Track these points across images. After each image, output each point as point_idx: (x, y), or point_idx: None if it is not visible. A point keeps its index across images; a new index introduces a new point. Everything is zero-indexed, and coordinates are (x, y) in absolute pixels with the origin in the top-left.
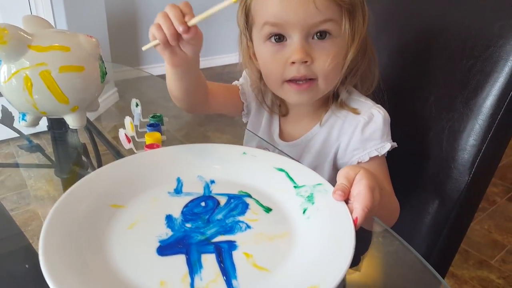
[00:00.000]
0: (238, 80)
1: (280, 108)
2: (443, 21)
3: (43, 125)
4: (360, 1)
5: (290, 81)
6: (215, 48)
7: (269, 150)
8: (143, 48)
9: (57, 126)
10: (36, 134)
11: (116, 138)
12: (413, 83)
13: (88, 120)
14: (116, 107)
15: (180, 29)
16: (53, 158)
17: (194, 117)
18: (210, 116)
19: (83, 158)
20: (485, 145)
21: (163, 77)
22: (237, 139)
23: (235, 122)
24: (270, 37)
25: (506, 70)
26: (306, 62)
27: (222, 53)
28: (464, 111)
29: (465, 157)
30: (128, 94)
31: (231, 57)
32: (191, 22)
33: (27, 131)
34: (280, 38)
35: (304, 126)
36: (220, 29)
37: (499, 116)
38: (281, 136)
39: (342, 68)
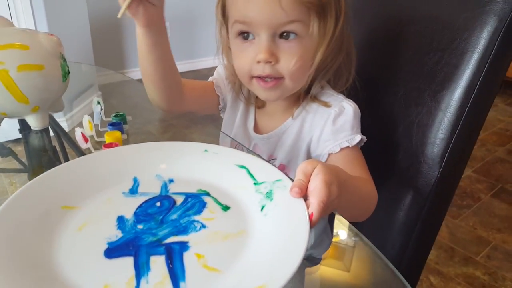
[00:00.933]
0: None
1: (257, 99)
2: (411, 14)
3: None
4: (335, 1)
5: (258, 77)
6: (200, 51)
7: (242, 149)
8: (119, 15)
9: (27, 127)
10: (18, 140)
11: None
12: (383, 77)
13: (54, 121)
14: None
15: None
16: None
17: (179, 120)
18: (194, 119)
19: (56, 161)
20: (453, 138)
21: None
22: (212, 138)
23: (220, 125)
24: (239, 34)
25: (472, 62)
26: (270, 62)
27: (207, 56)
28: (432, 105)
29: (434, 151)
30: (113, 98)
31: (217, 60)
32: None
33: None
34: (248, 35)
35: (278, 119)
36: (205, 31)
37: (466, 109)
38: (256, 129)
39: (310, 68)
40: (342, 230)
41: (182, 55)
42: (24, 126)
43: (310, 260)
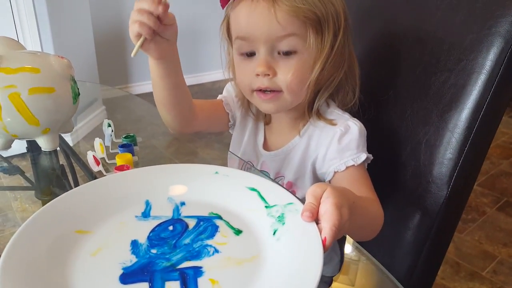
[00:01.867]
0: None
1: (266, 116)
2: (417, 33)
3: (23, 146)
4: (333, 15)
5: (258, 90)
6: (204, 65)
7: (251, 167)
8: (132, 54)
9: (35, 147)
10: (23, 155)
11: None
12: (389, 96)
13: (64, 141)
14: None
15: (160, 10)
16: (34, 180)
17: (183, 134)
18: (199, 133)
19: (63, 180)
20: (462, 158)
21: (151, 94)
22: (226, 155)
23: (224, 139)
24: (242, 54)
25: (479, 83)
26: (268, 75)
27: (211, 70)
28: (440, 125)
29: (442, 171)
30: (116, 112)
31: (221, 73)
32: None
33: (6, 153)
34: (249, 53)
35: (286, 136)
36: (209, 45)
37: (474, 129)
38: (265, 146)
39: (307, 82)
40: (350, 249)
41: (185, 69)
42: (32, 147)
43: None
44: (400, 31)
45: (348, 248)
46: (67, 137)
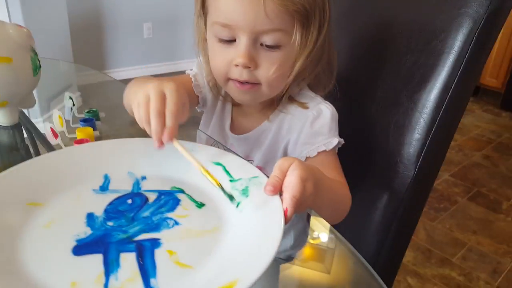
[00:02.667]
0: (190, 70)
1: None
2: (389, 16)
3: None
4: (319, 8)
5: (234, 80)
6: (182, 53)
7: (218, 147)
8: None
9: None
10: None
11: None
12: (361, 78)
13: (25, 116)
14: (79, 111)
15: (156, 145)
16: None
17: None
18: None
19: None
20: (429, 139)
21: (128, 81)
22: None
23: (196, 124)
24: (220, 37)
25: (448, 63)
26: (249, 67)
27: (191, 57)
28: (409, 105)
29: (410, 152)
30: (92, 98)
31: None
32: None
33: None
34: (228, 39)
35: (254, 120)
36: (188, 33)
37: (442, 109)
38: (232, 128)
39: (289, 76)
40: (319, 229)
41: (164, 56)
42: None
43: (290, 260)
44: (373, 12)
45: (324, 236)
46: (39, 124)
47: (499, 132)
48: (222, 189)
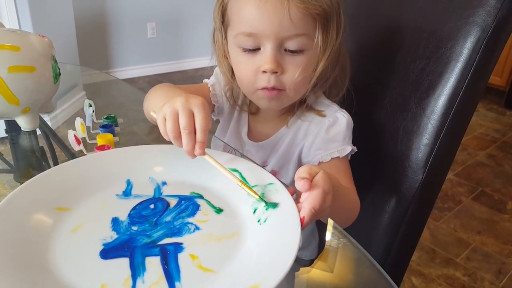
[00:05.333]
0: (208, 79)
1: (250, 106)
2: (398, 24)
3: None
4: (336, 12)
5: (262, 88)
6: (186, 52)
7: (235, 154)
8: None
9: (14, 128)
10: (2, 140)
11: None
12: (370, 84)
13: (44, 122)
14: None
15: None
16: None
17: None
18: None
19: (43, 162)
20: (437, 143)
21: (132, 80)
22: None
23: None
24: (244, 50)
25: (456, 70)
26: (276, 72)
27: (194, 56)
28: (417, 111)
29: (419, 156)
30: (97, 97)
31: (204, 61)
32: (198, 153)
33: None
34: (253, 48)
35: (272, 127)
36: (191, 32)
37: (450, 115)
38: (250, 135)
39: (311, 79)
40: (329, 231)
41: (168, 56)
42: (11, 128)
43: (298, 261)
44: (381, 19)
45: (328, 235)
46: (47, 122)
47: (504, 131)
48: (262, 199)
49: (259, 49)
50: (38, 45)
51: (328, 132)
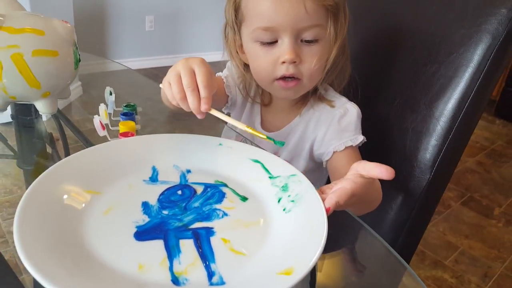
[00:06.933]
0: (221, 72)
1: (263, 97)
2: (412, 27)
3: (7, 115)
4: (342, 3)
5: (279, 78)
6: (184, 46)
7: (248, 142)
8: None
9: (23, 113)
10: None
11: (82, 132)
12: (382, 84)
13: (57, 109)
14: (79, 101)
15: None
16: (16, 149)
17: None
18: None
19: (48, 149)
20: (445, 145)
21: (130, 71)
22: (215, 131)
23: (204, 120)
24: (263, 40)
25: (466, 75)
26: (295, 62)
27: (192, 51)
28: (427, 113)
29: (427, 157)
30: (92, 88)
31: (211, 55)
32: (204, 108)
33: None
34: (271, 41)
35: (285, 117)
36: (190, 27)
37: (459, 119)
38: (263, 126)
39: (325, 68)
40: None
41: (165, 49)
42: (17, 114)
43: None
44: (395, 23)
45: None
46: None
47: (493, 139)
48: (269, 138)
49: (276, 41)
50: (62, 30)
51: (340, 123)
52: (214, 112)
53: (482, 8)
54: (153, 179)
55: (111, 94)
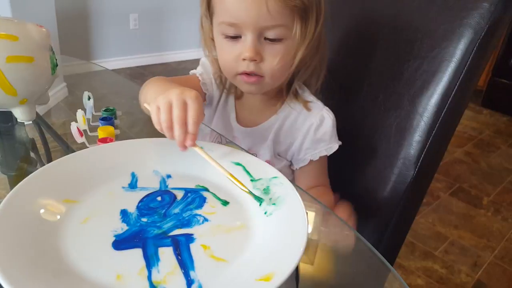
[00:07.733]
0: (195, 70)
1: (236, 89)
2: (393, 22)
3: None
4: (316, 3)
5: (242, 73)
6: (169, 44)
7: (220, 142)
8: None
9: (3, 120)
10: None
11: (66, 134)
12: (363, 81)
13: (37, 114)
14: (65, 102)
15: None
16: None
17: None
18: None
19: (31, 154)
20: (429, 141)
21: (115, 71)
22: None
23: None
24: (226, 37)
25: (449, 70)
26: (255, 60)
27: (177, 49)
28: (411, 109)
29: (411, 153)
30: (78, 89)
31: (187, 53)
32: (189, 144)
33: None
34: (235, 36)
35: (260, 114)
36: (174, 24)
37: (442, 114)
38: (238, 121)
39: (290, 67)
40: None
41: (150, 47)
42: (1, 119)
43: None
44: (376, 18)
45: (309, 227)
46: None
47: (480, 129)
48: (250, 192)
49: (240, 36)
50: (36, 35)
51: (316, 133)
52: (199, 150)
53: (464, 2)
54: (132, 185)
55: (89, 99)
